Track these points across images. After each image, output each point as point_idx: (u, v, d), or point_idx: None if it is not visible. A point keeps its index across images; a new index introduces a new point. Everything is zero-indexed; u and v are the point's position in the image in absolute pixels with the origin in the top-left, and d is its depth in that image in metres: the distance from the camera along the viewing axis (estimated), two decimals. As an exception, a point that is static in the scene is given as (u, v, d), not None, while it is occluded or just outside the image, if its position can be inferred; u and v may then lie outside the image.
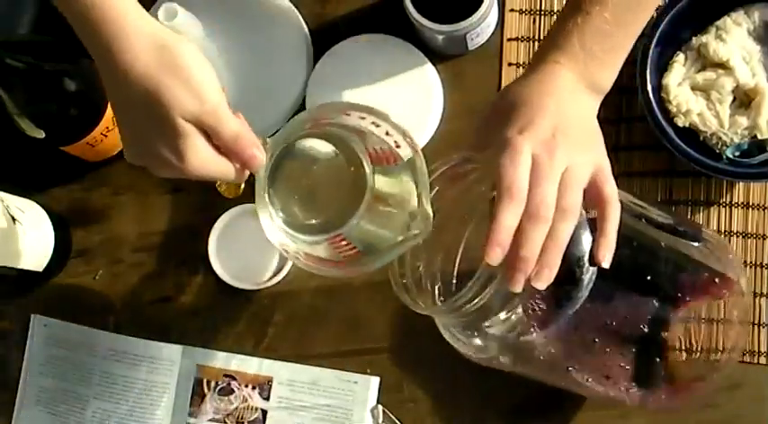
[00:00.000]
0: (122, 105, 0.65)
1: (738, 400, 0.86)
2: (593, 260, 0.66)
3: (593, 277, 0.68)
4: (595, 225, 0.66)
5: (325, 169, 0.70)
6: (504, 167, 0.63)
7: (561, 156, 0.65)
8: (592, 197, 0.67)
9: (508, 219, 0.62)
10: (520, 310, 0.70)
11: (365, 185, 0.68)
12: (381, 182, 0.69)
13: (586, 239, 0.67)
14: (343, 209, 0.68)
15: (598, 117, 0.70)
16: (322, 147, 0.69)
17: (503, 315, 0.69)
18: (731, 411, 0.86)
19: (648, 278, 0.73)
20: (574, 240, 0.65)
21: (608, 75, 0.71)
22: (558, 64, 0.69)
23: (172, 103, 0.62)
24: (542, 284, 0.64)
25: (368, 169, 0.68)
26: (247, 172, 0.66)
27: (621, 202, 0.68)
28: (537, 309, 0.70)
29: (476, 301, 0.65)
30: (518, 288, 0.64)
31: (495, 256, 0.62)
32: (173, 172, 0.65)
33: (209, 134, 0.64)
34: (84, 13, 0.63)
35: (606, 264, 0.66)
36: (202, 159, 0.64)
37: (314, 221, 0.69)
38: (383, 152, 0.68)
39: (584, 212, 0.67)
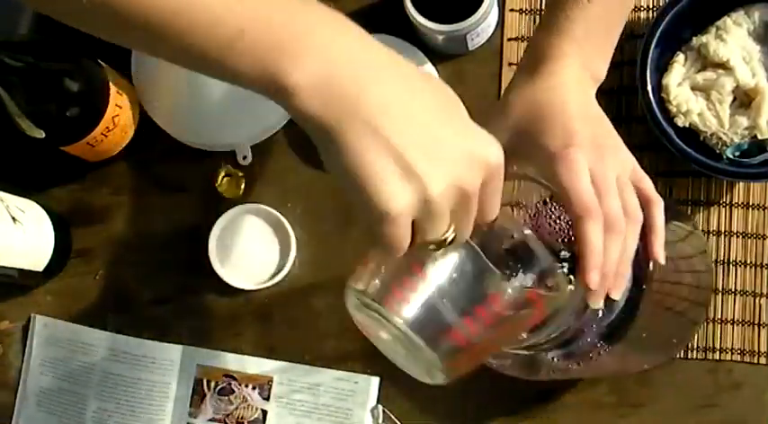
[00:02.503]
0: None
1: (738, 400, 0.86)
2: (647, 260, 0.66)
3: (629, 283, 0.68)
4: None
5: None
6: (572, 186, 0.63)
7: (611, 162, 0.64)
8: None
9: (598, 239, 0.62)
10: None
11: None
12: None
13: None
14: None
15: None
16: None
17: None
18: (731, 411, 0.86)
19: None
20: None
21: (605, 63, 0.71)
22: (565, 55, 0.68)
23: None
24: (619, 294, 0.64)
25: None
26: None
27: None
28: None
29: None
30: (600, 305, 0.64)
31: (597, 280, 0.62)
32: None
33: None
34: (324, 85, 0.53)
35: (663, 260, 0.66)
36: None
37: None
38: None
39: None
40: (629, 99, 0.90)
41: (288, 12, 0.54)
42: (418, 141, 0.53)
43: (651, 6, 0.91)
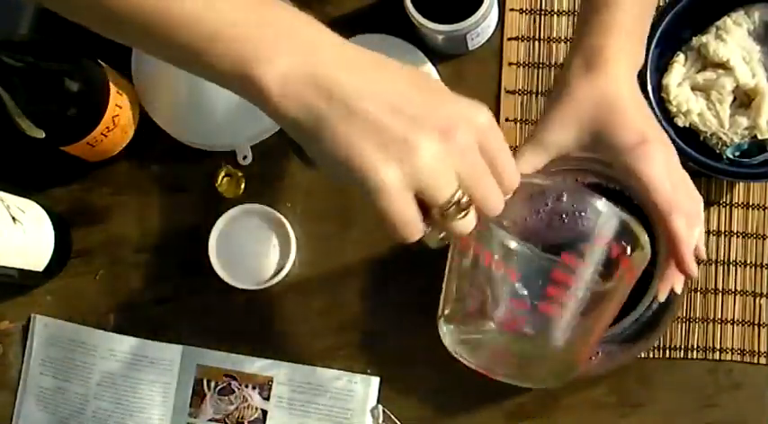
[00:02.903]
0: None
1: (738, 400, 0.86)
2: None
3: None
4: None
5: None
6: (657, 183, 0.64)
7: (674, 158, 0.66)
8: None
9: (686, 232, 0.65)
10: None
11: None
12: None
13: None
14: None
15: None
16: None
17: None
18: (731, 411, 0.86)
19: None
20: None
21: (644, 49, 0.72)
22: (618, 50, 0.68)
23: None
24: (680, 288, 0.68)
25: None
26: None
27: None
28: None
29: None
30: (664, 298, 0.67)
31: (696, 270, 0.66)
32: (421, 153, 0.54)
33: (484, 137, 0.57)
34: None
35: (704, 256, 0.69)
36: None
37: None
38: None
39: None
40: (629, 99, 0.90)
41: (263, 12, 0.56)
42: (397, 115, 0.54)
43: (651, 6, 0.91)
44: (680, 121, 0.85)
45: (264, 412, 0.91)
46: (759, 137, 0.85)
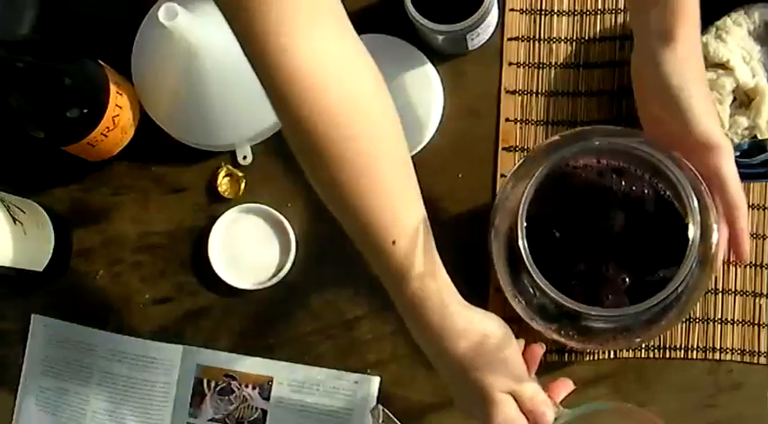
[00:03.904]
0: (448, 374, 0.74)
1: (738, 400, 0.86)
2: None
3: None
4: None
5: None
6: (734, 177, 0.71)
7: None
8: None
9: (746, 224, 0.73)
10: None
11: None
12: None
13: None
14: None
15: (599, 115, 0.72)
16: None
17: None
18: (731, 411, 0.86)
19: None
20: None
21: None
22: (689, 33, 0.71)
23: (491, 383, 0.71)
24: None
25: None
26: None
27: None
28: None
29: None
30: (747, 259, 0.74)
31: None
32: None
33: (515, 397, 0.72)
34: (419, 306, 0.72)
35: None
36: (505, 420, 0.71)
37: None
38: None
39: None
40: (629, 99, 0.90)
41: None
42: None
43: (651, 6, 0.91)
44: (680, 121, 0.85)
45: (264, 412, 0.91)
46: (759, 137, 0.85)
